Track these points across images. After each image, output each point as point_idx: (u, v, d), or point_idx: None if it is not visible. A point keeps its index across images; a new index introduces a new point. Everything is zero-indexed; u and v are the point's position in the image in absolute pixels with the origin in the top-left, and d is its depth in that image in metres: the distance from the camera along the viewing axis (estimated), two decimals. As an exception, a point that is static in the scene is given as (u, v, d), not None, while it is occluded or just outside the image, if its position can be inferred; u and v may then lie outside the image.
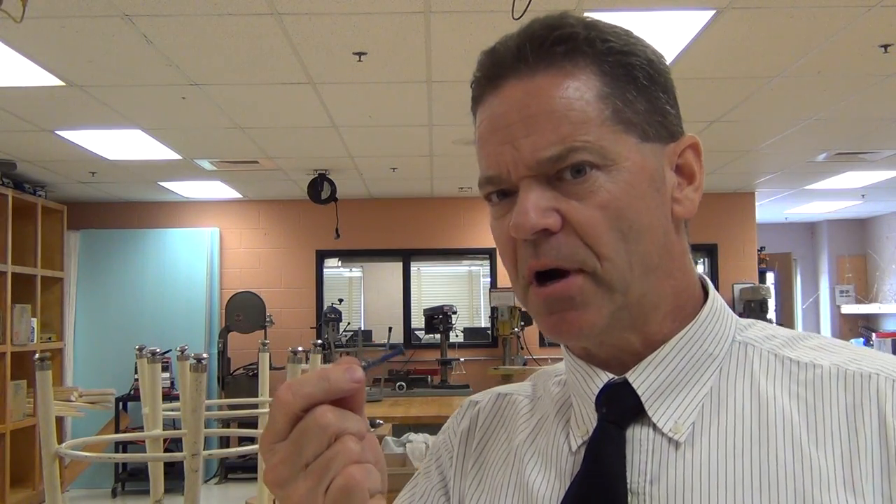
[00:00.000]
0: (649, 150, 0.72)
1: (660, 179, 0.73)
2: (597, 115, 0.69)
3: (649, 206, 0.71)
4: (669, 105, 0.74)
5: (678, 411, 0.71)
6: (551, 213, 0.68)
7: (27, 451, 6.79)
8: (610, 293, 0.69)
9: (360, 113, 5.09)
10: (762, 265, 8.88)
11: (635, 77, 0.72)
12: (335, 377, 0.57)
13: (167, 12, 3.40)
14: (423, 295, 8.96)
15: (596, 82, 0.71)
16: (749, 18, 3.60)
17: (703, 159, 0.80)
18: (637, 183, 0.70)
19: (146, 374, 2.28)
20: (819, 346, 0.75)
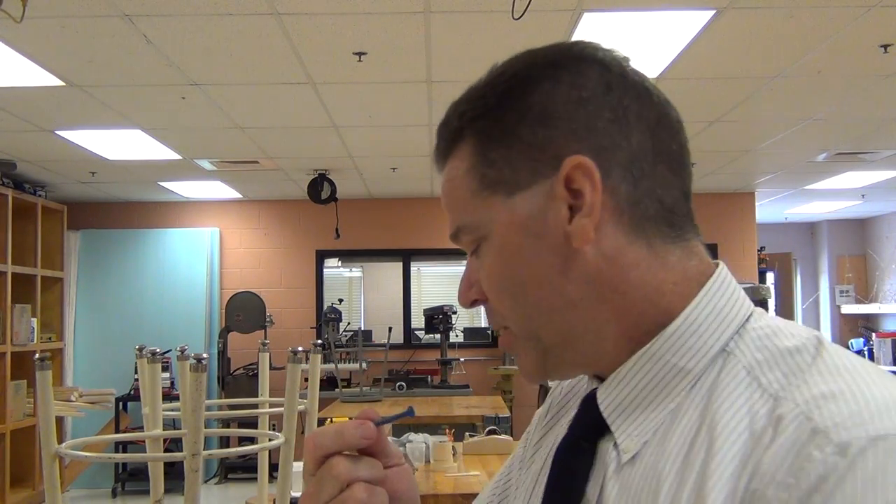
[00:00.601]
0: (520, 199, 0.70)
1: (537, 224, 0.69)
2: (467, 190, 0.72)
3: (528, 257, 0.70)
4: (555, 127, 0.69)
5: (638, 429, 0.68)
6: (475, 287, 0.75)
7: (27, 451, 6.79)
8: (525, 342, 0.73)
9: (360, 113, 5.09)
10: (762, 265, 8.89)
11: (502, 129, 0.71)
12: (348, 434, 0.68)
13: (167, 12, 3.40)
14: (423, 295, 8.96)
15: (468, 156, 0.73)
16: (749, 18, 3.60)
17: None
18: (509, 242, 0.70)
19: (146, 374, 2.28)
20: (812, 367, 0.62)
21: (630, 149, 0.68)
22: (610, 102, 0.69)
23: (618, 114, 0.69)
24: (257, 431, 2.68)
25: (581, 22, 3.58)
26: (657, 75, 4.36)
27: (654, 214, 0.69)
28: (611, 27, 3.70)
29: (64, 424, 7.31)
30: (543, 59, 0.72)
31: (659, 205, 0.69)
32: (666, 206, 0.70)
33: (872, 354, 9.48)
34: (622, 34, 3.79)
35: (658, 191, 0.69)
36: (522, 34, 3.71)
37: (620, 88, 0.69)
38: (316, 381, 2.60)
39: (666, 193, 0.70)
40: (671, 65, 4.18)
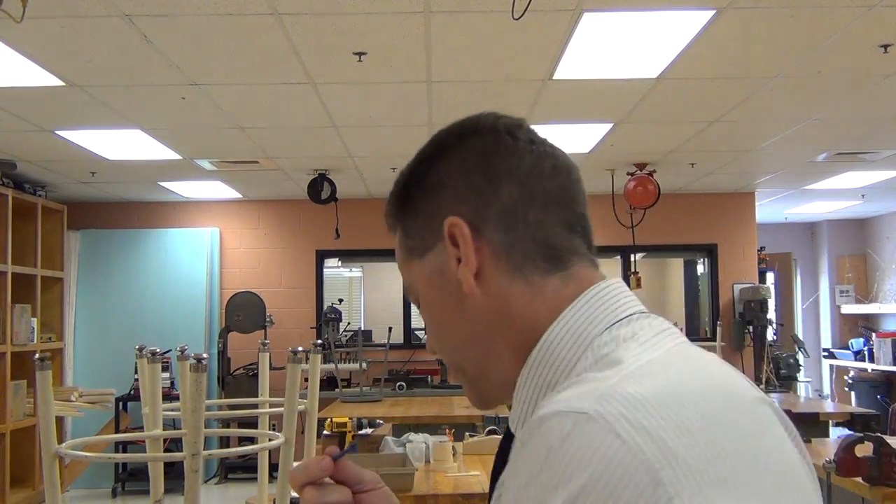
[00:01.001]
0: (428, 259, 0.85)
1: (439, 278, 0.84)
2: (401, 260, 0.89)
3: (439, 306, 0.85)
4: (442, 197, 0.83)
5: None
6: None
7: (27, 451, 6.79)
8: (461, 376, 0.87)
9: (360, 113, 5.09)
10: (762, 265, 8.88)
11: (413, 206, 0.86)
12: (311, 467, 0.83)
13: (167, 12, 3.40)
14: (423, 295, 8.95)
15: (397, 235, 0.90)
16: (749, 18, 3.60)
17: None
18: (426, 295, 0.86)
19: (146, 374, 2.28)
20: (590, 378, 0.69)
21: (501, 202, 0.80)
22: (484, 167, 0.82)
23: (490, 175, 0.81)
24: (257, 431, 2.68)
25: (581, 22, 3.58)
26: (657, 75, 4.36)
27: (530, 253, 0.80)
28: (611, 27, 3.70)
29: (64, 424, 7.31)
30: (445, 137, 0.86)
31: (534, 244, 0.80)
32: (543, 244, 0.80)
33: (872, 355, 9.48)
34: (622, 34, 3.79)
35: (533, 232, 0.80)
36: (522, 34, 3.71)
37: (495, 154, 0.82)
38: (316, 381, 2.60)
39: (542, 232, 0.80)
40: (671, 65, 4.18)
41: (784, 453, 0.65)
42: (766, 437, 0.65)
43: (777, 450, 0.65)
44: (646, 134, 5.77)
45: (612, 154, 6.41)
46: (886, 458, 3.12)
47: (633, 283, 8.05)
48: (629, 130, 5.61)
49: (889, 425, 7.07)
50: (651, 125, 5.51)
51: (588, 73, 4.29)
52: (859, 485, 3.21)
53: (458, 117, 0.88)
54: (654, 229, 7.98)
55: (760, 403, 0.68)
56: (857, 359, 9.77)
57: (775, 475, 0.62)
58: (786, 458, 0.65)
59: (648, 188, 6.90)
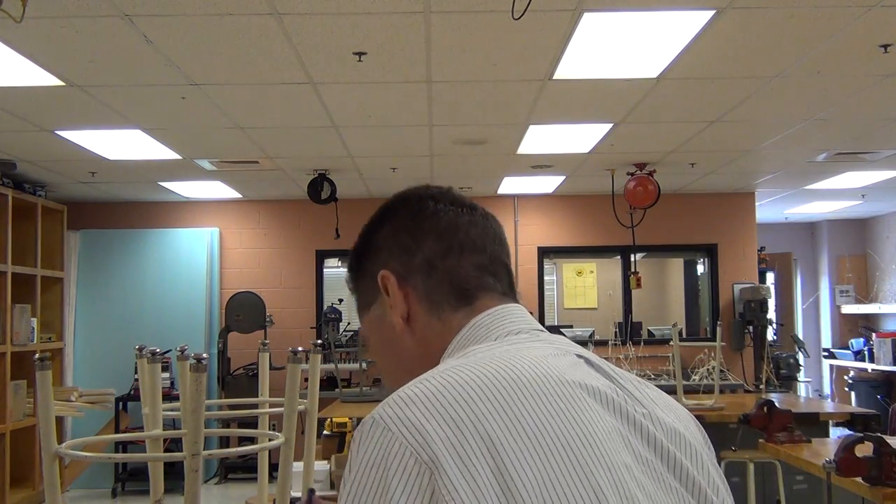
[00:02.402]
0: (373, 310, 1.03)
1: (380, 323, 1.01)
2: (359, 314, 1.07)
3: (381, 346, 1.03)
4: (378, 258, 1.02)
5: None
6: None
7: (27, 451, 6.79)
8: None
9: (360, 113, 5.08)
10: (762, 265, 8.88)
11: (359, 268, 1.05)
12: None
13: (167, 12, 3.40)
14: (423, 295, 8.96)
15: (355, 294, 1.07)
16: (749, 18, 3.60)
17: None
18: (372, 339, 1.04)
19: (146, 374, 2.28)
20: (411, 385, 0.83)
21: (423, 255, 0.98)
22: (410, 228, 1.00)
23: (415, 234, 0.99)
24: (257, 431, 2.68)
25: (581, 22, 3.58)
26: (657, 75, 4.36)
27: (445, 294, 0.97)
28: (611, 27, 3.70)
29: (64, 424, 7.31)
30: (384, 208, 1.04)
31: (449, 286, 0.97)
32: (456, 285, 0.97)
33: (872, 355, 9.48)
34: (622, 34, 3.79)
35: (449, 276, 0.98)
36: (522, 34, 3.71)
37: (419, 216, 1.00)
38: (316, 381, 2.60)
39: (456, 276, 0.98)
40: (671, 65, 4.18)
41: (576, 425, 0.76)
42: (550, 411, 0.76)
43: (565, 421, 0.75)
44: (646, 134, 5.77)
45: (612, 154, 6.41)
46: (886, 458, 3.12)
47: (633, 283, 8.06)
48: (629, 130, 5.61)
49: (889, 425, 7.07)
50: (651, 125, 5.51)
51: (588, 73, 4.29)
52: (859, 485, 3.21)
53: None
54: (654, 229, 7.98)
55: (565, 386, 0.79)
56: (857, 359, 9.77)
57: (550, 439, 0.74)
58: (577, 430, 0.75)
59: (648, 188, 6.90)
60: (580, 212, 8.44)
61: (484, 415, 0.74)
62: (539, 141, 5.89)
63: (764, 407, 4.20)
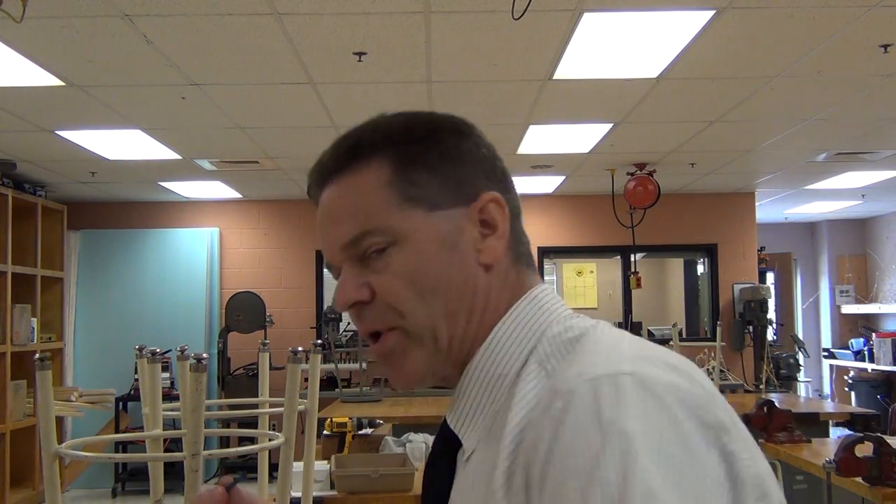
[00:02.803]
0: (440, 216, 0.83)
1: (454, 238, 0.83)
2: (382, 201, 0.83)
3: (442, 265, 0.82)
4: (468, 169, 0.85)
5: (475, 434, 0.81)
6: (364, 287, 0.82)
7: (27, 451, 6.79)
8: (420, 341, 0.82)
9: (360, 113, 5.01)
10: (762, 265, 8.88)
11: (424, 160, 0.85)
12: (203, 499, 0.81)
13: (167, 12, 3.40)
14: (423, 295, 8.96)
15: (384, 173, 0.84)
16: (749, 18, 3.60)
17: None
18: (426, 248, 0.82)
19: (146, 374, 2.28)
20: (585, 350, 0.75)
21: (513, 201, 0.88)
22: (495, 161, 0.88)
23: (504, 172, 0.88)
24: (257, 431, 2.68)
25: (581, 22, 3.58)
26: (657, 75, 4.36)
27: (523, 251, 0.88)
28: (611, 27, 3.70)
29: (64, 424, 7.31)
30: (445, 119, 0.88)
31: (523, 246, 0.88)
32: (525, 248, 0.88)
33: (872, 355, 9.48)
34: (622, 34, 3.79)
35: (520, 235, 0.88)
36: (522, 34, 3.71)
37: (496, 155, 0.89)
38: (316, 381, 2.60)
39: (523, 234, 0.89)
40: (671, 65, 4.18)
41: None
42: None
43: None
44: (646, 134, 5.77)
45: (612, 154, 6.41)
46: (886, 458, 3.12)
47: (633, 283, 8.05)
48: (629, 130, 5.61)
49: (889, 425, 7.08)
50: (651, 125, 5.51)
51: (588, 73, 4.29)
52: (859, 485, 3.21)
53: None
54: (654, 229, 7.98)
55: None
56: (857, 359, 9.77)
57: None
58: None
59: (648, 188, 6.90)
60: (580, 212, 8.44)
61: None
62: (539, 141, 5.89)
63: (764, 407, 4.20)
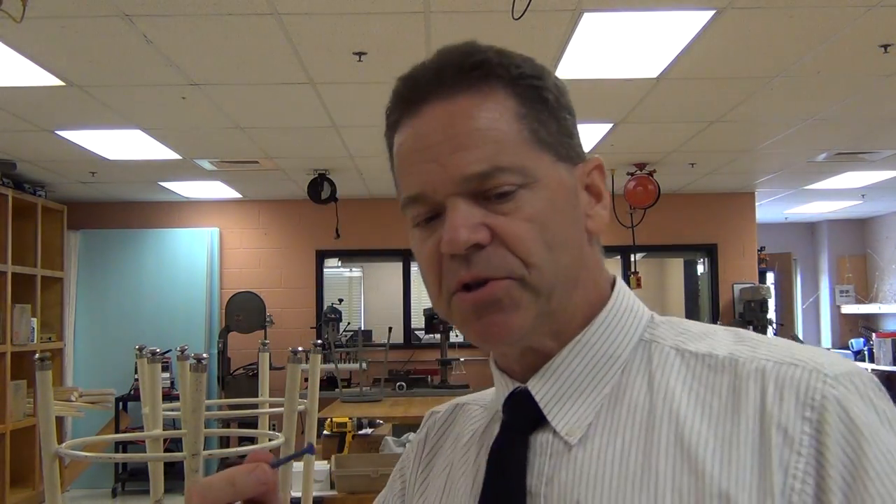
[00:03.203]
0: (563, 168, 0.76)
1: (574, 196, 0.77)
2: (516, 135, 0.73)
3: (568, 220, 0.75)
4: (574, 129, 0.79)
5: (577, 415, 0.74)
6: (481, 228, 0.71)
7: (27, 451, 6.79)
8: (536, 297, 0.72)
9: (360, 113, 5.09)
10: (762, 265, 8.88)
11: (546, 100, 0.77)
12: (241, 482, 0.62)
13: (167, 12, 3.40)
14: (423, 295, 8.96)
15: (512, 104, 0.75)
16: (749, 18, 3.60)
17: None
18: (557, 198, 0.75)
19: (146, 374, 2.28)
20: (724, 338, 0.75)
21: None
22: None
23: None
24: (257, 431, 2.68)
25: (581, 22, 3.58)
26: (657, 75, 4.36)
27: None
28: (611, 27, 3.70)
29: (64, 424, 7.31)
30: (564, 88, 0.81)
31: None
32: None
33: (872, 355, 9.48)
34: (622, 34, 3.79)
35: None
36: (522, 34, 3.71)
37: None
38: (316, 381, 2.61)
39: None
40: (671, 65, 4.18)
41: None
42: None
43: None
44: (646, 134, 5.77)
45: (612, 154, 6.41)
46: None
47: (633, 282, 8.05)
48: (629, 130, 5.61)
49: (889, 425, 7.04)
50: (651, 125, 5.51)
51: (588, 73, 4.29)
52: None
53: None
54: (654, 229, 7.98)
55: None
56: (858, 359, 9.76)
57: None
58: None
59: (648, 188, 6.90)
60: (580, 212, 8.43)
61: None
62: (539, 141, 5.88)
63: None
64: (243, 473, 0.62)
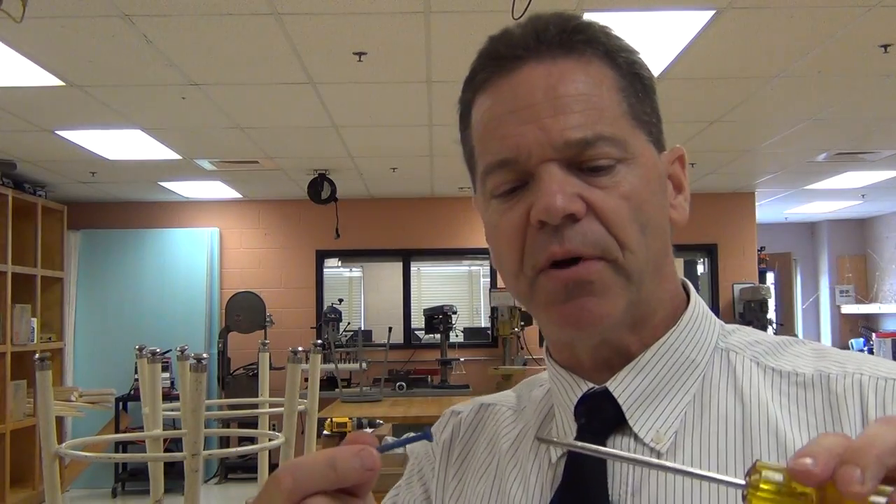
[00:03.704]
0: (650, 154, 0.72)
1: (664, 181, 0.74)
2: (616, 106, 0.70)
3: (659, 205, 0.72)
4: (660, 114, 0.76)
5: (660, 420, 0.70)
6: (577, 200, 0.66)
7: (27, 451, 6.79)
8: (628, 283, 0.68)
9: (360, 113, 5.09)
10: (762, 265, 8.88)
11: (642, 77, 0.74)
12: (344, 467, 0.50)
13: (167, 12, 3.40)
14: (423, 295, 8.96)
15: (612, 74, 0.71)
16: (749, 18, 3.60)
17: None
18: (651, 179, 0.71)
19: (146, 374, 2.28)
20: (802, 353, 0.73)
21: None
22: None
23: None
24: (257, 431, 2.69)
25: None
26: (657, 75, 4.36)
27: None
28: (611, 27, 3.69)
29: (64, 424, 7.30)
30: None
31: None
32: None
33: (872, 355, 9.48)
34: (622, 34, 3.78)
35: None
36: (522, 34, 3.70)
37: None
38: (316, 381, 2.61)
39: None
40: (671, 65, 4.18)
41: None
42: None
43: None
44: (646, 134, 5.76)
45: (612, 154, 6.41)
46: (886, 458, 3.12)
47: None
48: (629, 130, 5.60)
49: (889, 425, 7.04)
50: (651, 125, 5.50)
51: (588, 73, 4.29)
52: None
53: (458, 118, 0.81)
54: (654, 229, 7.98)
55: None
56: (857, 359, 9.76)
57: None
58: None
59: (648, 188, 6.89)
60: (580, 212, 8.43)
61: None
62: (539, 141, 5.88)
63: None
64: (347, 456, 0.51)
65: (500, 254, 0.72)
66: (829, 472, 0.44)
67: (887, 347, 9.17)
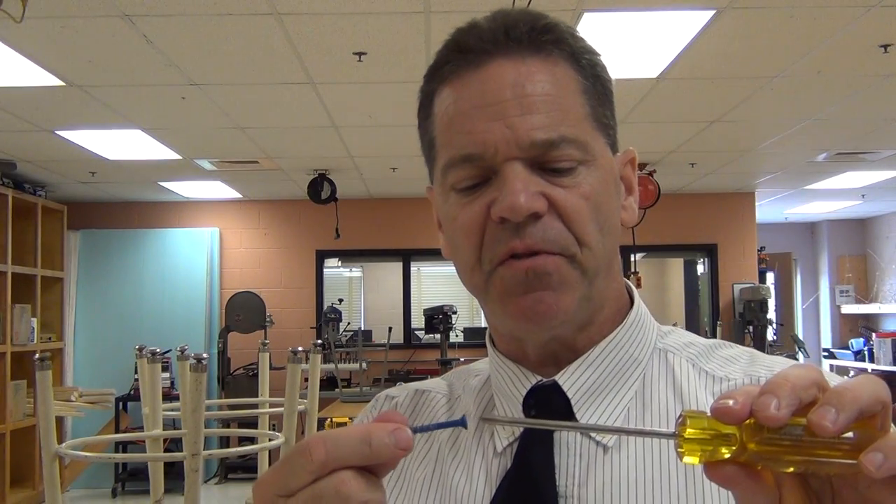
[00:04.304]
0: (608, 158, 0.74)
1: (618, 183, 0.76)
2: (580, 108, 0.72)
3: (614, 206, 0.74)
4: (615, 116, 0.79)
5: (605, 414, 0.72)
6: (539, 198, 0.68)
7: (27, 451, 6.79)
8: (583, 278, 0.70)
9: (360, 113, 5.09)
10: (762, 265, 8.88)
11: (602, 79, 0.76)
12: (378, 444, 0.50)
13: (167, 12, 3.40)
14: (423, 295, 8.97)
15: (576, 77, 0.72)
16: (749, 18, 3.60)
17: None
18: (608, 181, 0.73)
19: (146, 374, 2.28)
20: (733, 356, 0.77)
21: None
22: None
23: None
24: (257, 431, 2.69)
25: (581, 22, 3.58)
26: (657, 75, 4.36)
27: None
28: (611, 27, 3.70)
29: (64, 424, 7.30)
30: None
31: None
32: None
33: (872, 355, 9.48)
34: (622, 34, 3.79)
35: None
36: (522, 34, 3.70)
37: None
38: (316, 381, 2.61)
39: None
40: (671, 65, 4.18)
41: None
42: None
43: None
44: (646, 134, 5.77)
45: (612, 154, 6.41)
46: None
47: (633, 283, 8.05)
48: (629, 130, 5.60)
49: (889, 425, 7.03)
50: (651, 125, 5.51)
51: (588, 73, 4.29)
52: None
53: (418, 107, 0.79)
54: (654, 229, 7.98)
55: None
56: (858, 359, 9.77)
57: None
58: None
59: (648, 188, 6.90)
60: (580, 212, 8.43)
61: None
62: (539, 141, 5.88)
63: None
64: (383, 433, 0.50)
65: (456, 246, 0.73)
66: (748, 411, 0.46)
67: (887, 347, 9.17)
